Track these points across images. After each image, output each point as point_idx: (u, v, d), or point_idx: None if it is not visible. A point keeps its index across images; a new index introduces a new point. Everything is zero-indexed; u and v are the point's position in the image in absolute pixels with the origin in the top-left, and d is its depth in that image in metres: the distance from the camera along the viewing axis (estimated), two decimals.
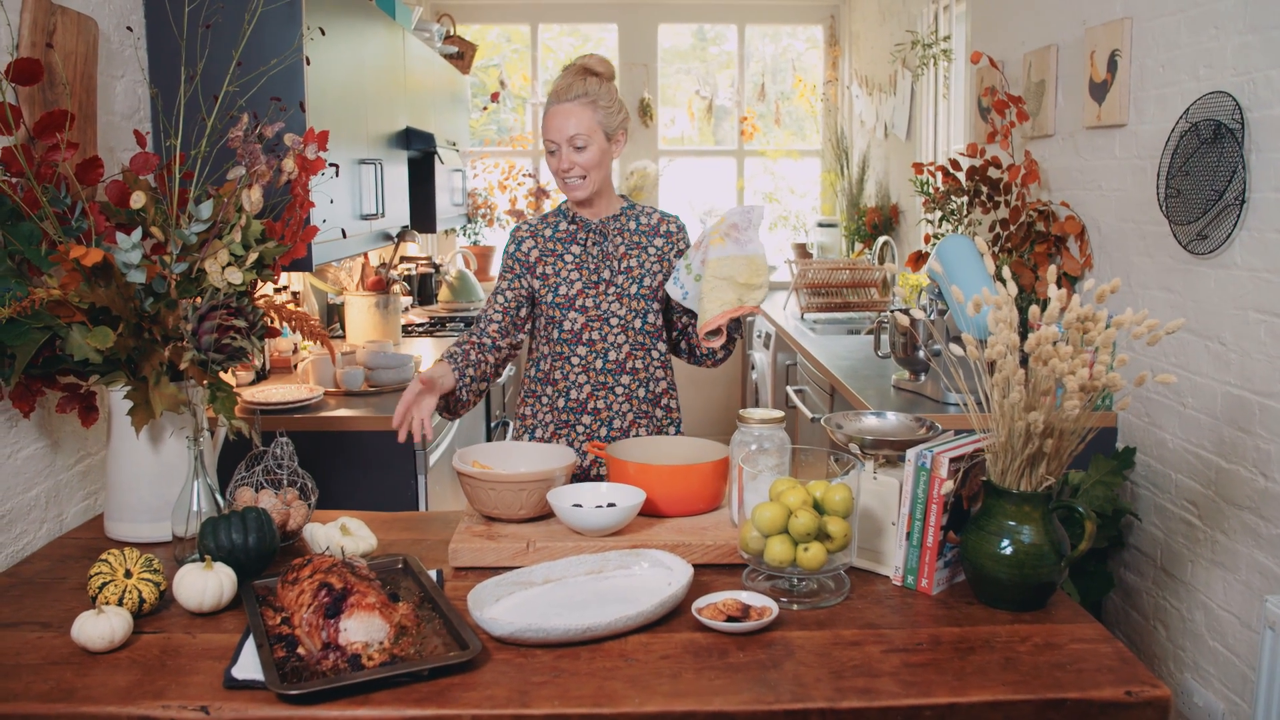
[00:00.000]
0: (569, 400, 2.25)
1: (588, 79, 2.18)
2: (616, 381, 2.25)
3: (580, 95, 2.16)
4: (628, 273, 2.25)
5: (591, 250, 2.25)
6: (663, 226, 2.31)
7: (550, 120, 2.17)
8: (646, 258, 2.27)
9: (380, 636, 1.41)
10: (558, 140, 2.16)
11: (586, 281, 2.24)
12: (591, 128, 2.16)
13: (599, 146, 2.17)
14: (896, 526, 1.69)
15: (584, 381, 2.24)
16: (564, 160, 2.17)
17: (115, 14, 2.28)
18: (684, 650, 1.46)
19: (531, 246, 2.27)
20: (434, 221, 4.29)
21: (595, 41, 6.38)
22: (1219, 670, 2.41)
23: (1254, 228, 2.26)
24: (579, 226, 2.27)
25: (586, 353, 2.24)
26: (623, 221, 2.29)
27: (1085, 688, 1.37)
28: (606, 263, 2.25)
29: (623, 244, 2.27)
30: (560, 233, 2.28)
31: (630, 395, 2.26)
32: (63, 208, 1.82)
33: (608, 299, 2.23)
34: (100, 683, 1.38)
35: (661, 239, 2.29)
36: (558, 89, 2.18)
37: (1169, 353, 2.60)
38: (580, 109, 2.15)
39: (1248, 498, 2.30)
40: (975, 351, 1.61)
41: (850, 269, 4.95)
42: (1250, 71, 2.26)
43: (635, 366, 2.26)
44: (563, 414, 2.26)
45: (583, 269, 2.24)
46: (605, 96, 2.18)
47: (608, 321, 2.23)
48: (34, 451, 1.96)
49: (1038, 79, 3.23)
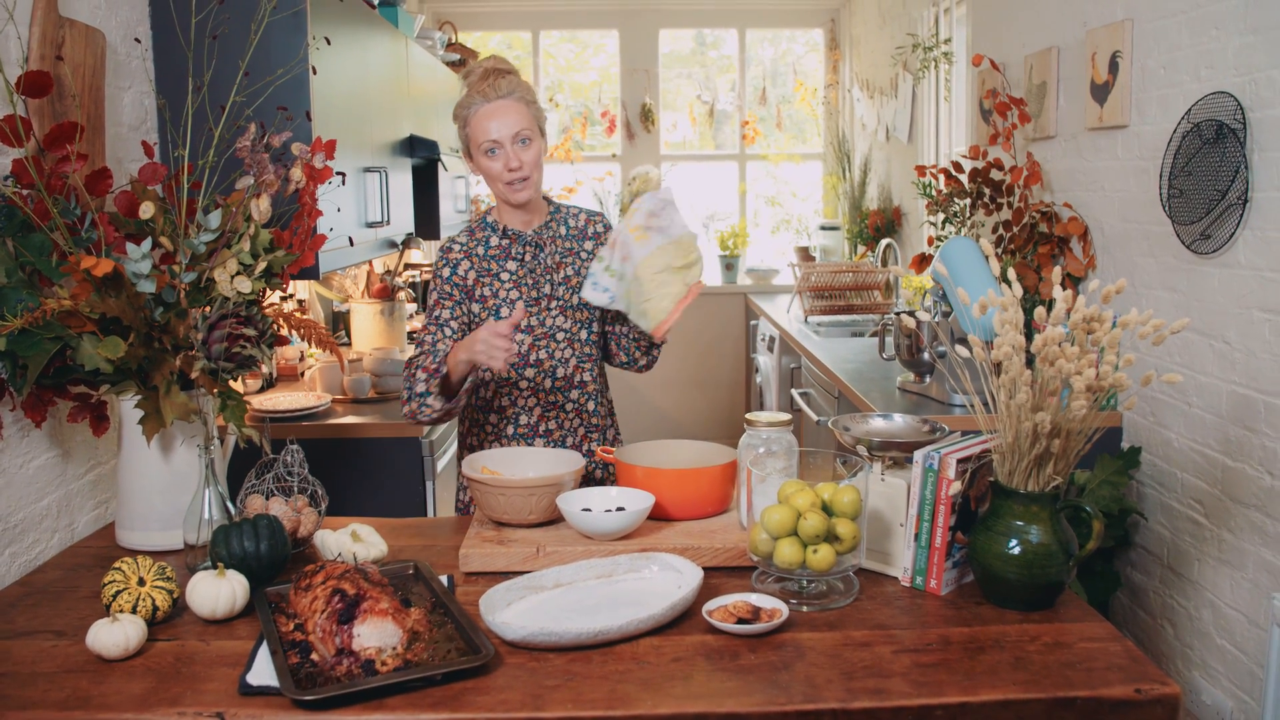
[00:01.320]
0: (519, 427, 2.17)
1: (507, 77, 2.08)
2: (566, 398, 2.17)
3: (510, 91, 2.06)
4: (566, 282, 2.15)
5: (529, 264, 2.15)
6: (590, 228, 2.22)
7: (484, 121, 2.05)
8: (580, 263, 2.18)
9: (393, 642, 1.42)
10: (500, 139, 2.04)
11: (527, 299, 2.13)
12: (530, 122, 2.07)
13: (539, 144, 2.09)
14: (905, 528, 1.70)
15: (534, 404, 2.16)
16: (511, 158, 2.04)
17: (122, 26, 2.30)
18: (695, 652, 1.46)
19: (469, 268, 2.14)
20: (438, 228, 4.30)
21: (595, 47, 6.40)
22: (1227, 668, 2.42)
23: (1257, 227, 2.27)
24: (512, 240, 2.15)
25: (535, 374, 2.15)
26: (553, 228, 2.18)
27: (1095, 686, 1.38)
28: (545, 276, 2.14)
29: (556, 253, 2.16)
30: (493, 249, 2.15)
31: (580, 410, 2.19)
32: (73, 219, 1.84)
33: (551, 314, 2.15)
34: (116, 690, 1.38)
35: (591, 241, 2.21)
36: (481, 90, 2.06)
37: (1174, 352, 2.61)
38: (516, 104, 2.05)
39: (1254, 496, 2.30)
40: (982, 353, 1.62)
41: (853, 272, 4.96)
42: (1252, 72, 2.26)
43: (584, 380, 2.18)
44: (513, 442, 2.17)
45: (521, 286, 2.14)
46: (530, 93, 2.10)
47: (554, 337, 2.15)
48: (45, 461, 1.97)
49: (1039, 81, 3.24)
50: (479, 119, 2.06)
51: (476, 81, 2.09)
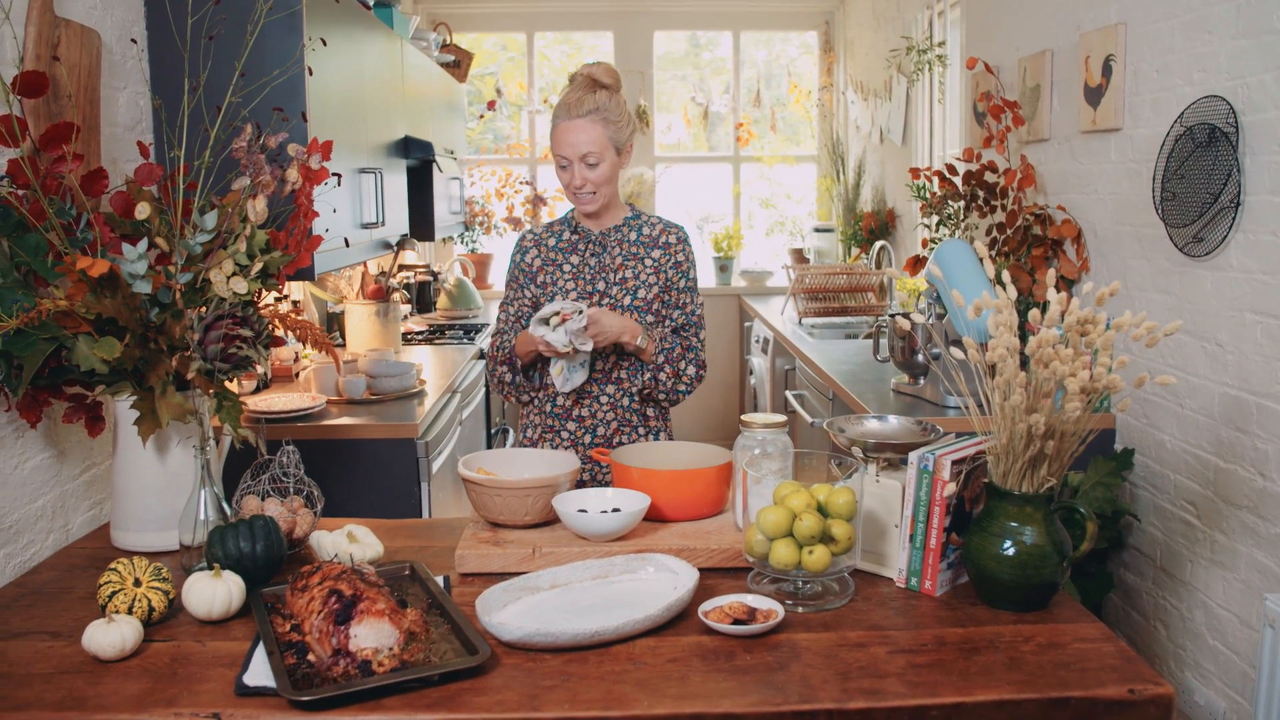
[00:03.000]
0: (555, 406, 2.28)
1: (597, 92, 2.17)
2: (602, 390, 2.27)
3: (591, 111, 2.15)
4: (622, 284, 2.25)
5: (589, 261, 2.27)
6: (662, 238, 2.30)
7: (562, 136, 2.17)
8: (643, 269, 2.27)
9: (390, 642, 1.42)
10: (570, 157, 2.17)
11: (581, 292, 2.25)
12: (603, 144, 2.16)
13: (610, 162, 2.18)
14: (899, 529, 1.70)
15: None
16: (576, 177, 2.17)
17: (118, 26, 2.30)
18: (691, 653, 1.47)
19: (535, 256, 2.30)
20: (432, 229, 4.30)
21: (590, 49, 6.40)
22: (1219, 669, 2.43)
23: (1249, 230, 2.28)
24: (580, 236, 2.29)
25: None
26: (624, 232, 2.29)
27: (1089, 686, 1.38)
28: (602, 274, 2.26)
29: (620, 255, 2.27)
30: (563, 242, 2.30)
31: (615, 404, 2.27)
32: (68, 219, 1.83)
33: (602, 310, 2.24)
34: (112, 691, 1.38)
35: (659, 250, 2.29)
36: (568, 102, 2.17)
37: (1167, 354, 2.62)
38: (591, 125, 2.15)
39: (1246, 497, 2.31)
40: (977, 355, 1.63)
41: (847, 274, 4.97)
42: (1244, 76, 2.28)
43: (621, 376, 2.27)
44: (549, 419, 2.29)
45: (579, 279, 2.26)
46: (614, 110, 2.18)
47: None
48: (40, 462, 1.97)
49: (1033, 84, 3.25)
50: (558, 133, 2.18)
51: (569, 92, 2.19)
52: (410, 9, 5.77)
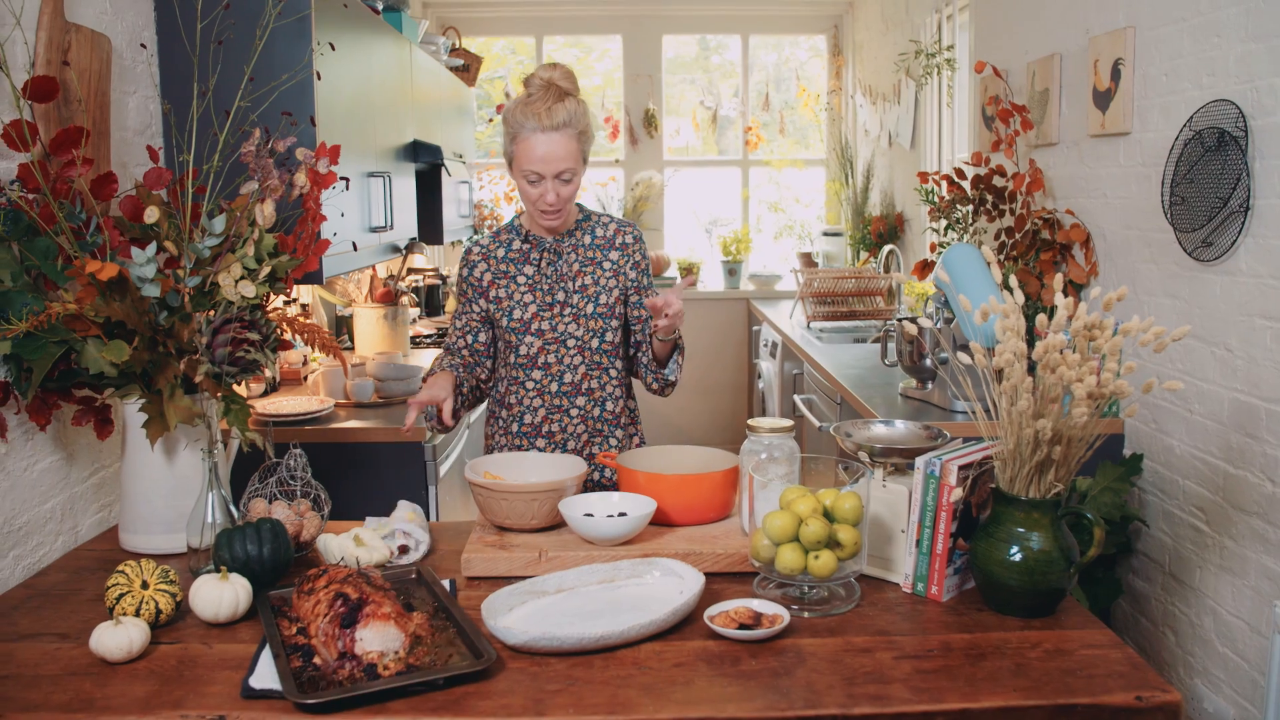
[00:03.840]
0: (523, 425, 2.21)
1: (565, 100, 2.05)
2: (571, 404, 2.19)
3: (564, 124, 2.03)
4: (583, 291, 2.17)
5: (545, 271, 2.17)
6: (618, 238, 2.21)
7: (532, 150, 2.03)
8: (601, 273, 2.18)
9: (396, 646, 1.43)
10: (543, 173, 2.04)
11: (541, 304, 2.16)
12: (577, 158, 2.06)
13: (579, 176, 2.09)
14: (906, 534, 1.70)
15: (539, 405, 2.20)
16: (550, 193, 2.05)
17: (128, 31, 2.31)
18: (697, 658, 1.47)
19: (485, 270, 2.20)
20: (441, 233, 4.31)
21: (600, 53, 6.41)
22: (1229, 676, 2.41)
23: (1259, 234, 2.27)
24: (532, 245, 2.18)
25: (541, 376, 2.19)
26: (578, 236, 2.19)
27: (1096, 693, 1.38)
28: (560, 283, 2.17)
29: (576, 261, 2.18)
30: (513, 253, 2.19)
31: (585, 416, 2.21)
32: (78, 223, 1.84)
33: (564, 320, 2.16)
34: (119, 693, 1.39)
35: (617, 251, 2.20)
36: (536, 112, 2.02)
37: (1175, 359, 2.61)
38: (567, 140, 2.03)
39: (1255, 503, 2.30)
40: (984, 359, 1.62)
41: (856, 278, 4.96)
42: (1253, 79, 2.27)
43: (590, 387, 2.20)
44: (517, 438, 2.22)
45: (536, 290, 2.17)
46: (584, 120, 2.08)
47: (564, 344, 2.17)
48: (50, 464, 1.98)
49: (1041, 88, 3.25)
50: (527, 143, 2.03)
51: (537, 97, 2.04)
52: (419, 13, 5.78)
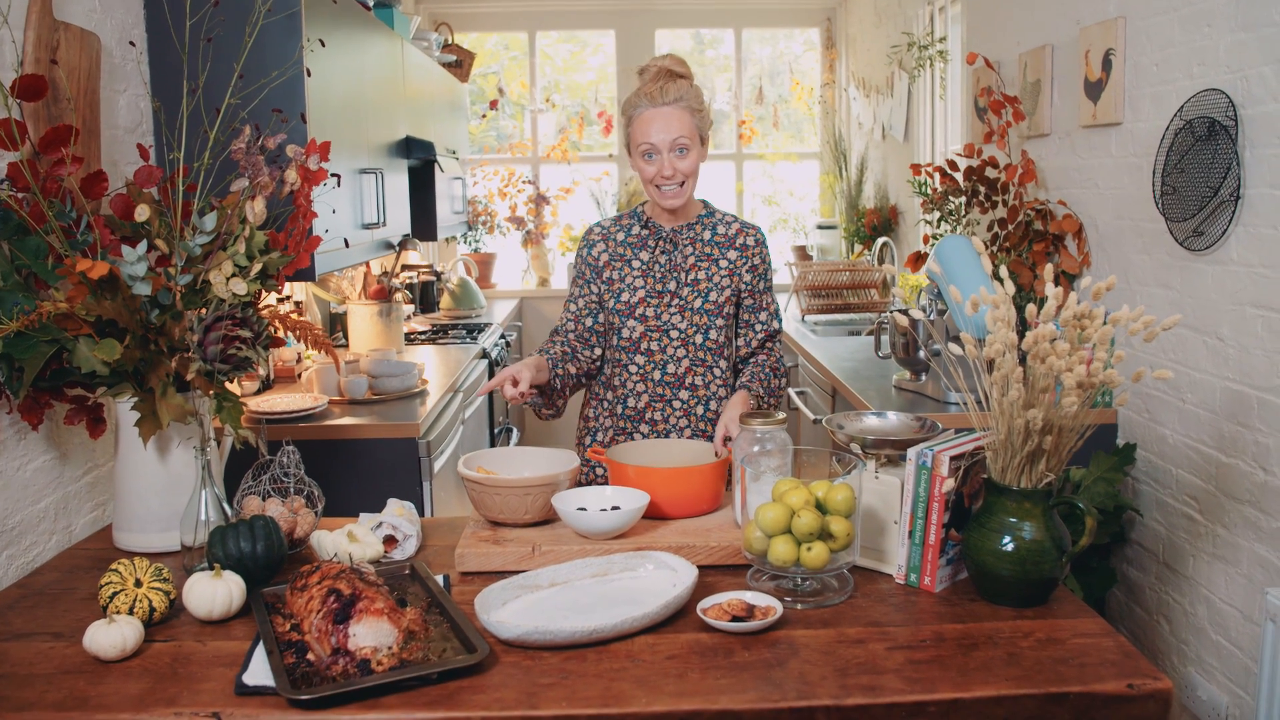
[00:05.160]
0: (626, 408, 2.21)
1: (677, 80, 2.09)
2: (675, 395, 2.18)
3: (678, 99, 2.07)
4: (694, 285, 2.17)
5: (660, 259, 2.18)
6: (739, 239, 2.21)
7: (648, 124, 2.07)
8: (716, 271, 2.18)
9: (389, 641, 1.43)
10: (659, 144, 2.07)
11: (650, 290, 2.16)
12: (692, 131, 2.08)
13: (698, 151, 2.11)
14: (899, 525, 1.70)
15: (641, 390, 2.19)
16: (666, 166, 2.08)
17: (117, 29, 2.31)
18: (690, 650, 1.47)
19: (602, 250, 2.21)
20: (435, 229, 4.31)
21: (593, 47, 6.40)
22: (1222, 663, 2.42)
23: (1249, 223, 2.28)
24: (651, 232, 2.19)
25: (644, 362, 2.19)
26: (697, 230, 2.20)
27: (1088, 681, 1.38)
28: (674, 273, 2.17)
29: (693, 254, 2.18)
30: (632, 237, 2.21)
31: (689, 411, 2.19)
32: (68, 222, 1.84)
33: (670, 311, 2.16)
34: (113, 691, 1.39)
35: (735, 251, 2.20)
36: (649, 91, 2.08)
37: (1168, 349, 2.61)
38: (681, 112, 2.07)
39: (1248, 491, 2.31)
40: (974, 350, 1.62)
41: (850, 270, 4.97)
42: (1243, 69, 2.27)
43: (694, 383, 2.18)
44: (621, 420, 2.21)
45: (648, 277, 2.17)
46: (697, 99, 2.10)
47: (667, 334, 2.16)
48: (43, 463, 1.98)
49: (1033, 79, 3.25)
50: (642, 121, 2.07)
51: (649, 82, 2.10)
52: (411, 9, 5.77)
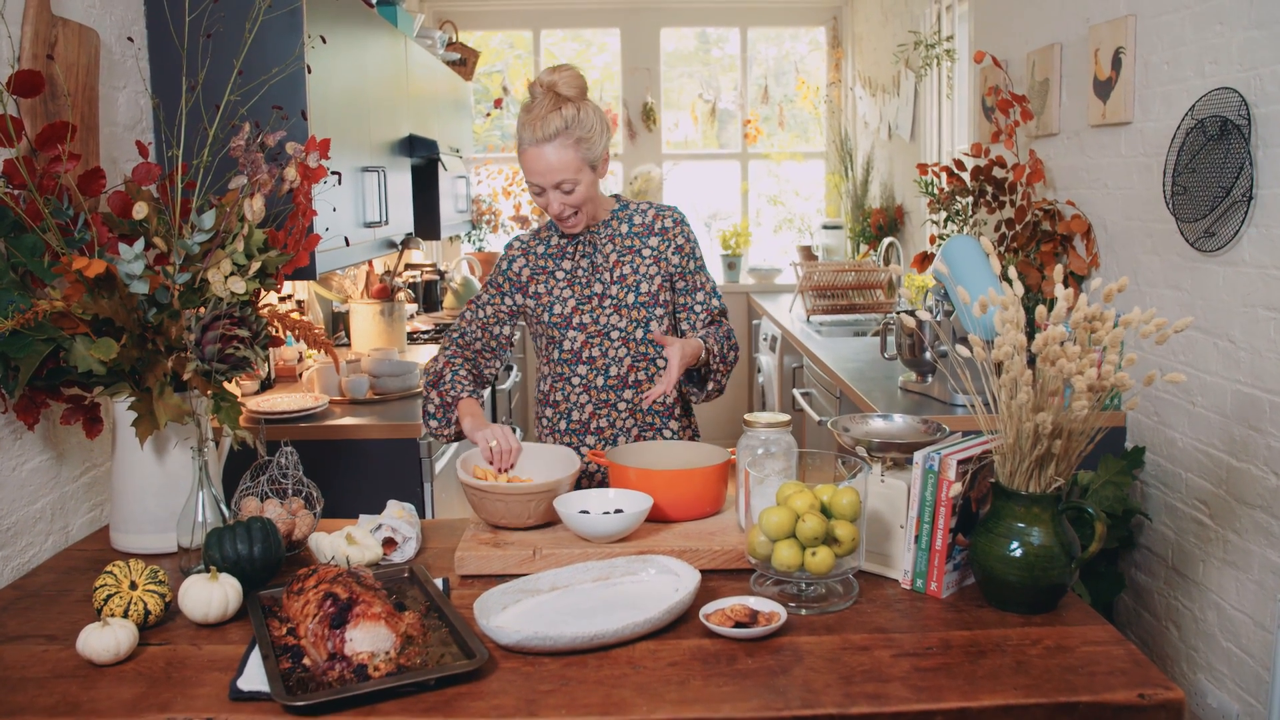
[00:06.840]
0: (570, 423, 2.17)
1: (563, 108, 1.98)
2: (619, 397, 2.15)
3: (558, 133, 1.97)
4: (622, 281, 2.14)
5: (581, 264, 2.15)
6: (657, 223, 2.17)
7: (530, 163, 2.00)
8: (641, 261, 2.15)
9: (386, 646, 1.41)
10: (542, 185, 2.02)
11: (580, 297, 2.13)
12: (576, 166, 2.00)
13: (586, 182, 2.03)
14: (905, 530, 1.68)
15: (585, 401, 2.16)
16: (553, 203, 2.04)
17: (116, 25, 2.29)
18: (692, 657, 1.45)
19: (523, 265, 2.18)
20: (438, 228, 4.29)
21: (598, 46, 6.38)
22: (1233, 671, 2.39)
23: (1262, 224, 2.24)
24: (568, 239, 2.17)
25: (587, 371, 2.15)
26: (614, 226, 2.17)
27: (1098, 691, 1.36)
28: (597, 274, 2.14)
29: (614, 251, 2.15)
30: (552, 248, 2.18)
31: (634, 410, 2.17)
32: (65, 219, 1.82)
33: (604, 312, 2.13)
34: (106, 695, 1.37)
35: (656, 237, 2.17)
36: (531, 122, 1.98)
37: (1178, 351, 2.58)
38: (561, 149, 1.98)
39: (1259, 496, 2.28)
40: (982, 352, 1.60)
41: (856, 271, 4.94)
42: (1256, 67, 2.24)
43: (638, 380, 2.16)
44: (565, 437, 2.18)
45: (574, 284, 2.14)
46: (583, 125, 2.00)
47: (608, 336, 2.13)
48: (39, 464, 1.96)
49: (1041, 78, 3.22)
50: (526, 158, 2.02)
51: (531, 109, 2.01)
52: (415, 7, 5.75)
